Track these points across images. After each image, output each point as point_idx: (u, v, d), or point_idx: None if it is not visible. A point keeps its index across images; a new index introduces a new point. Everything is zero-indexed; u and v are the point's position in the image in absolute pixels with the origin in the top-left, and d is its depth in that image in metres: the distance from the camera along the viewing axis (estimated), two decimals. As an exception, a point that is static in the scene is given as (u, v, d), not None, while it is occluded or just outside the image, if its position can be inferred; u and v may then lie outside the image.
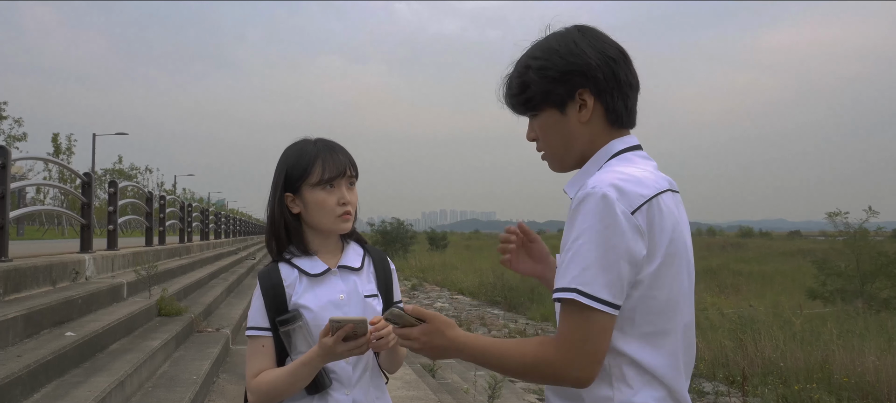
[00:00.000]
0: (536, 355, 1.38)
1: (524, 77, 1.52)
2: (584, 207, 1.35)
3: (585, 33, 1.51)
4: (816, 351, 9.60)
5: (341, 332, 1.61)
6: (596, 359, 1.34)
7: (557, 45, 1.49)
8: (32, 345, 4.55)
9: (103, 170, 46.02)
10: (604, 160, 1.49)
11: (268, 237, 1.86)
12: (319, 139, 1.85)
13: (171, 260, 11.99)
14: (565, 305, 1.34)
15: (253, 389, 1.75)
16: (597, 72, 1.46)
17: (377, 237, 44.86)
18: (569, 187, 1.53)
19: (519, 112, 1.58)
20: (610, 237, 1.32)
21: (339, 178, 1.78)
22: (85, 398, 3.98)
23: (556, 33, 1.54)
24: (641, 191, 1.37)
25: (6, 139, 32.62)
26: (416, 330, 1.51)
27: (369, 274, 1.87)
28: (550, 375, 1.37)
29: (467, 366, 9.39)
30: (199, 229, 20.65)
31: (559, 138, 1.52)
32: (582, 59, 1.46)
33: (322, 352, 1.66)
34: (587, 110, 1.48)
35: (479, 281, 23.95)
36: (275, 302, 1.76)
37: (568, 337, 1.34)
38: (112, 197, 9.89)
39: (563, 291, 1.35)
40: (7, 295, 5.39)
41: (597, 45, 1.48)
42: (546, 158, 1.58)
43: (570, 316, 1.34)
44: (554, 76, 1.47)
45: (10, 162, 6.12)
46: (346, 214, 1.80)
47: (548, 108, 1.50)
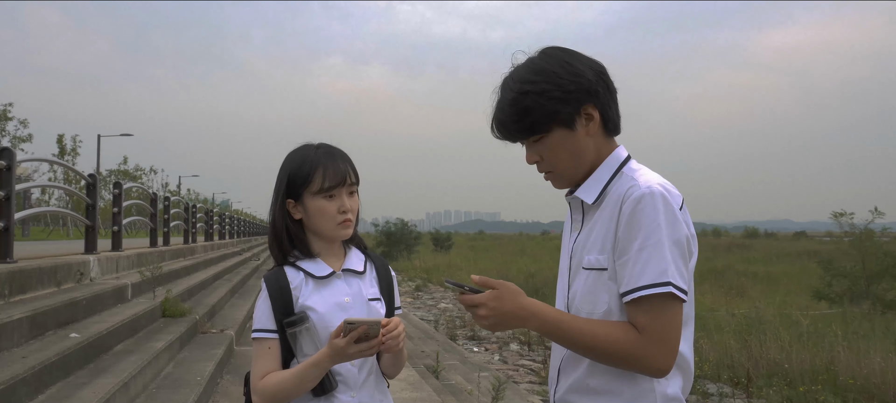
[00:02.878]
0: (625, 342, 1.43)
1: (523, 103, 1.54)
2: (644, 206, 1.44)
3: (567, 52, 1.58)
4: (822, 353, 9.56)
5: (355, 333, 1.63)
6: (677, 348, 1.44)
7: (553, 67, 1.53)
8: (37, 347, 4.56)
9: (108, 170, 46.14)
10: (616, 165, 1.58)
11: (271, 242, 1.87)
12: (321, 145, 1.86)
13: (175, 261, 12.01)
14: (654, 299, 1.41)
15: (259, 391, 1.75)
16: (597, 86, 1.54)
17: (381, 238, 44.88)
18: (583, 193, 1.59)
19: (519, 138, 1.60)
20: (677, 231, 1.44)
21: (339, 187, 1.79)
22: (89, 399, 3.98)
23: (539, 58, 1.58)
24: (678, 192, 1.50)
25: (11, 140, 32.72)
26: (483, 296, 1.50)
27: (372, 278, 1.89)
28: (632, 363, 1.43)
29: (471, 367, 9.38)
30: (203, 230, 20.68)
31: (569, 155, 1.56)
32: (583, 76, 1.53)
33: (333, 353, 1.67)
34: (594, 123, 1.55)
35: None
36: (282, 304, 1.77)
37: (659, 330, 1.41)
38: (117, 198, 9.91)
39: (655, 287, 1.41)
40: (12, 297, 5.40)
41: (585, 61, 1.56)
42: (552, 177, 1.62)
43: (660, 309, 1.41)
44: (559, 96, 1.52)
45: (15, 163, 6.13)
46: (347, 221, 1.81)
47: (556, 128, 1.54)
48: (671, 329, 1.42)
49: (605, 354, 1.44)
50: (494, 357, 11.59)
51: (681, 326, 1.44)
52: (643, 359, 1.41)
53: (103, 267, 7.89)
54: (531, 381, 9.77)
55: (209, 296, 9.98)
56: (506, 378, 8.38)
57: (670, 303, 1.41)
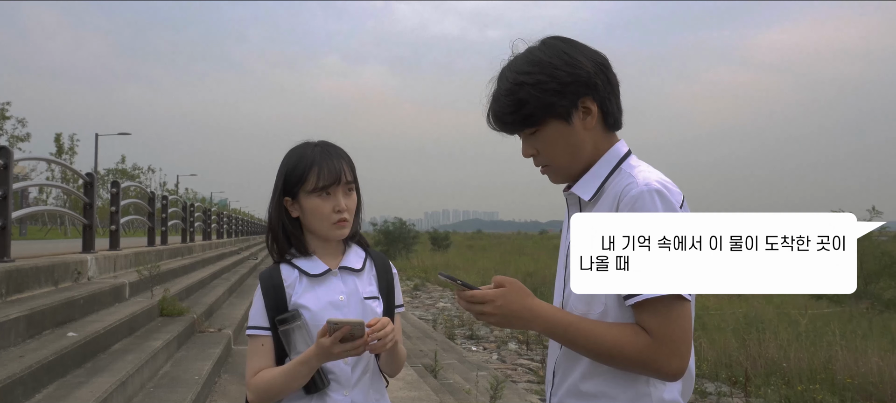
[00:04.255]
0: (636, 347, 1.38)
1: (518, 94, 1.49)
2: (642, 205, 1.39)
3: (568, 43, 1.52)
4: (820, 352, 9.57)
5: (338, 334, 1.62)
6: (689, 351, 1.40)
7: (550, 58, 1.48)
8: (34, 346, 4.55)
9: (106, 170, 46.10)
10: (614, 161, 1.52)
11: (268, 240, 1.88)
12: (320, 142, 1.84)
13: (173, 260, 12.00)
14: (660, 302, 1.36)
15: (252, 388, 1.77)
16: (596, 79, 1.48)
17: (380, 237, 44.86)
18: (580, 189, 1.54)
19: (515, 131, 1.56)
20: None
21: (334, 186, 1.78)
22: (87, 398, 3.98)
23: (538, 48, 1.53)
24: (679, 190, 1.45)
25: (9, 139, 32.69)
26: (490, 293, 1.45)
27: (371, 276, 1.88)
28: (644, 367, 1.39)
29: (469, 366, 9.38)
30: (201, 229, 20.67)
31: (566, 148, 1.51)
32: (581, 68, 1.47)
33: (319, 353, 1.67)
34: (592, 117, 1.50)
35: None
36: (275, 302, 1.78)
37: (670, 333, 1.37)
38: (114, 197, 9.90)
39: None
40: (9, 296, 5.39)
41: (586, 52, 1.51)
42: (549, 171, 1.57)
43: (668, 311, 1.36)
44: (555, 88, 1.46)
45: (12, 162, 6.12)
46: (342, 221, 1.79)
47: (552, 121, 1.49)
48: (682, 331, 1.37)
49: (614, 359, 1.40)
50: (493, 357, 11.58)
51: (691, 327, 1.40)
52: (656, 364, 1.37)
53: (101, 267, 7.88)
54: (529, 380, 9.77)
55: (207, 295, 9.97)
56: (504, 378, 8.37)
57: (678, 305, 1.37)
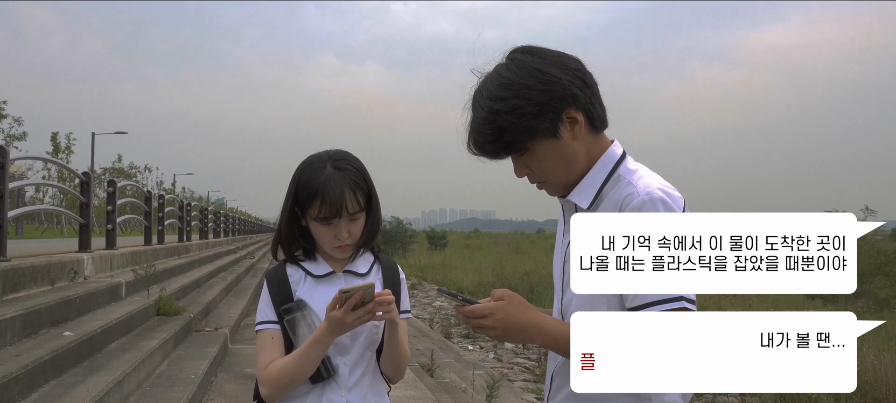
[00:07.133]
0: None
1: (495, 123, 1.43)
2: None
3: (536, 56, 1.46)
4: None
5: (351, 301, 1.63)
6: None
7: (521, 78, 1.42)
8: (31, 345, 4.54)
9: (102, 169, 45.95)
10: (611, 165, 1.49)
11: (275, 241, 1.88)
12: (332, 160, 1.78)
13: (169, 259, 11.98)
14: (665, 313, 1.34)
15: (264, 379, 1.75)
16: (573, 89, 1.43)
17: (376, 236, 44.83)
18: (577, 197, 1.51)
19: (500, 157, 1.51)
20: None
21: (335, 218, 1.74)
22: (83, 397, 3.97)
23: (506, 67, 1.47)
24: (679, 194, 1.43)
25: (5, 138, 32.59)
26: (489, 307, 1.42)
27: (376, 279, 1.87)
28: None
29: (465, 365, 9.38)
30: (198, 228, 20.64)
31: (559, 163, 1.48)
32: (556, 83, 1.42)
33: (331, 326, 1.67)
34: (579, 126, 1.46)
35: (478, 280, 23.92)
36: (281, 297, 1.79)
37: None
38: (111, 196, 9.88)
39: (667, 302, 1.34)
40: (5, 295, 5.38)
41: (557, 62, 1.45)
42: (545, 186, 1.54)
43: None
44: (533, 111, 1.41)
45: (8, 161, 6.11)
46: (342, 248, 1.79)
47: (539, 140, 1.45)
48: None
49: None
50: (489, 356, 11.59)
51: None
52: None
53: (97, 266, 7.86)
54: (526, 379, 9.78)
55: (203, 295, 9.95)
56: (500, 377, 8.37)
57: (681, 313, 1.35)
